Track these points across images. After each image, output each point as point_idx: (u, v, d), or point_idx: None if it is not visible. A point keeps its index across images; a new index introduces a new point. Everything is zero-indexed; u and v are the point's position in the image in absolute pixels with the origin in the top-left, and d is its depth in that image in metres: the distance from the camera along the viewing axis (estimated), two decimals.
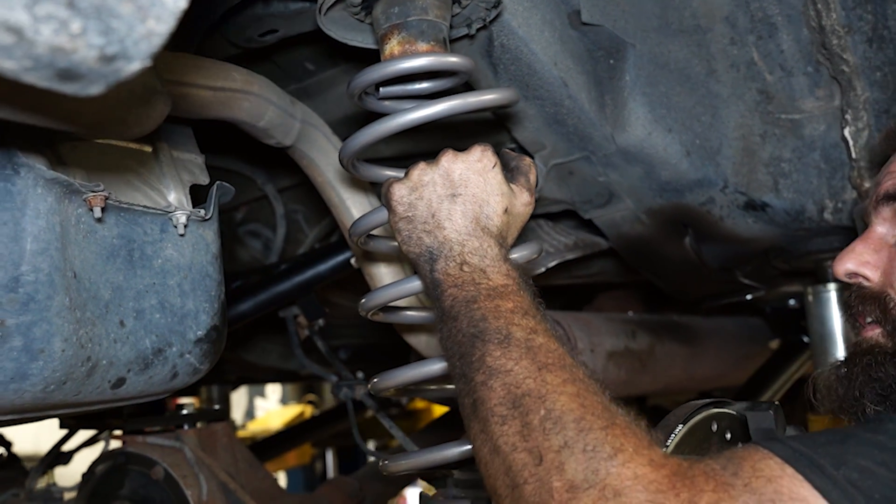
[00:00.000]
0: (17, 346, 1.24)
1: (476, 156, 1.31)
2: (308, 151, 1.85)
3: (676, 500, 0.93)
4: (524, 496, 1.01)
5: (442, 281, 1.24)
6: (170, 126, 1.60)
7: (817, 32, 1.80)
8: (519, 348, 1.12)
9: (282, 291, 2.27)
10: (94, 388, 1.41)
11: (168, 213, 1.50)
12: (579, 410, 1.04)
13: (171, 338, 1.52)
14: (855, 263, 1.39)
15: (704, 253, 2.19)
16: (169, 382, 1.55)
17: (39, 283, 1.25)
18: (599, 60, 1.92)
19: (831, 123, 1.91)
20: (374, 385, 1.59)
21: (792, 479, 0.95)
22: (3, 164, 1.21)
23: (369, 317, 1.59)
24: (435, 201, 1.29)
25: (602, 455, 0.98)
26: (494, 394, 1.09)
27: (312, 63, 2.07)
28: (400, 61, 1.43)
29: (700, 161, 1.97)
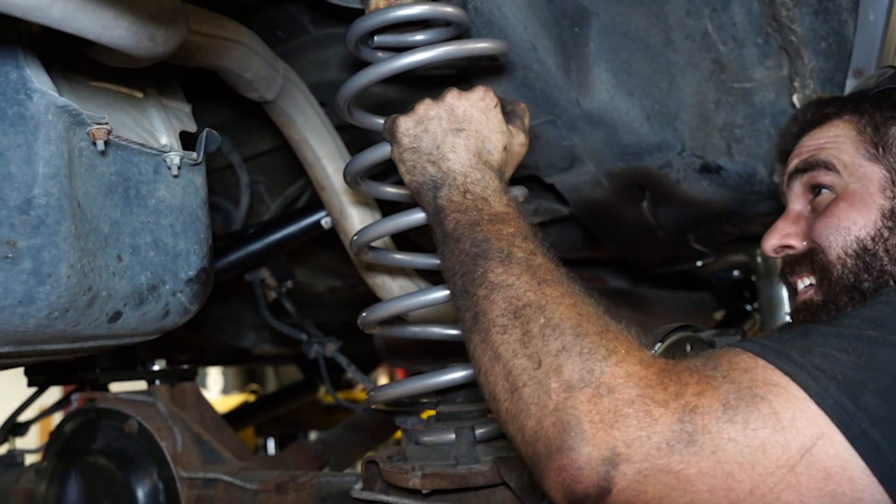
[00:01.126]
0: (26, 269, 1.27)
1: (479, 94, 1.39)
2: (287, 108, 1.88)
3: (665, 393, 1.01)
4: (523, 398, 1.07)
5: (445, 206, 1.31)
6: (159, 75, 1.63)
7: (767, 5, 1.89)
8: (520, 265, 1.18)
9: (253, 251, 2.29)
10: (92, 321, 1.43)
11: (163, 154, 1.54)
12: (576, 318, 1.10)
13: (165, 276, 1.55)
14: (779, 237, 1.54)
15: (661, 216, 2.26)
16: (161, 321, 1.59)
17: (50, 207, 1.28)
18: (565, 28, 1.96)
19: (780, 91, 1.98)
20: (371, 396, 1.65)
21: (765, 368, 1.04)
22: (17, 88, 1.23)
23: (367, 330, 1.64)
24: (440, 135, 1.36)
25: (597, 357, 1.05)
26: (496, 306, 1.15)
27: (283, 31, 2.09)
28: (398, 8, 1.47)
29: (659, 125, 2.03)
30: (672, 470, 0.98)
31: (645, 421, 0.99)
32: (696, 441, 0.98)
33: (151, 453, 1.95)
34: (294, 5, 1.99)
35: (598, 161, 2.11)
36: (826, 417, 0.98)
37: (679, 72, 2.00)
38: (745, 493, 0.98)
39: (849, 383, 1.00)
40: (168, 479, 1.91)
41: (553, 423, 1.02)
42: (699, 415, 0.99)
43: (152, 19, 0.99)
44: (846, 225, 1.41)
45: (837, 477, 0.98)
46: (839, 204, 1.43)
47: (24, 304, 1.28)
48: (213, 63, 1.62)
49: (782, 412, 0.99)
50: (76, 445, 2.07)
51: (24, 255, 1.26)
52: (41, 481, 2.10)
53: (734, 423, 0.98)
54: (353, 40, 1.54)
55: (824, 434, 0.98)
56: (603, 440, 0.99)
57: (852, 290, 1.39)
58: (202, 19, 1.57)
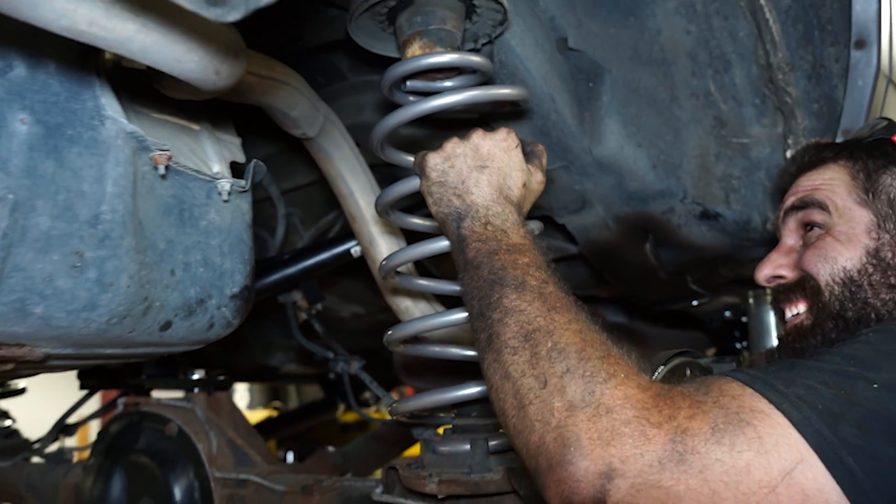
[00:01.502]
0: (91, 278, 1.29)
1: (502, 136, 1.41)
2: (325, 145, 1.91)
3: (659, 415, 1.02)
4: (529, 415, 1.08)
5: (467, 236, 1.33)
6: (214, 109, 1.66)
7: (765, 69, 1.91)
8: (532, 293, 1.20)
9: (288, 275, 2.30)
10: (145, 328, 1.45)
11: (215, 181, 1.56)
12: (581, 343, 1.12)
13: (212, 291, 1.57)
14: (772, 268, 1.55)
15: (662, 258, 2.27)
16: (206, 332, 1.60)
17: (115, 223, 1.30)
18: (580, 82, 2.00)
19: (775, 147, 2.00)
20: (393, 408, 1.66)
21: (752, 396, 1.05)
22: (93, 115, 1.26)
23: (391, 347, 1.65)
24: (465, 170, 1.38)
25: (598, 379, 1.06)
26: (508, 329, 1.17)
27: (324, 77, 2.12)
28: (429, 56, 1.50)
29: (664, 174, 2.05)
30: (663, 486, 0.99)
31: (640, 440, 1.00)
32: (686, 460, 0.99)
33: (189, 454, 1.97)
34: (334, 54, 2.03)
35: (607, 205, 2.13)
36: (806, 444, 0.99)
37: (683, 126, 2.02)
38: None
39: (828, 414, 1.01)
40: (203, 478, 1.93)
41: (555, 438, 1.04)
42: (690, 436, 1.00)
43: (219, 55, 1.02)
44: (833, 255, 1.42)
45: (814, 499, 0.99)
46: (826, 238, 1.44)
47: (87, 309, 1.30)
48: (263, 101, 1.65)
49: (766, 437, 1.00)
50: (121, 445, 2.09)
51: (90, 265, 1.28)
52: (88, 476, 2.11)
53: (721, 445, 0.99)
54: (387, 84, 1.57)
55: (804, 459, 0.99)
56: (600, 456, 1.00)
57: (837, 317, 1.40)
58: (256, 61, 1.60)
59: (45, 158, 1.19)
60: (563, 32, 1.90)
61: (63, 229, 1.24)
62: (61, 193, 1.22)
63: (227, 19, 0.74)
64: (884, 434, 1.00)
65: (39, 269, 1.23)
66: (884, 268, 1.39)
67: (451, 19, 1.56)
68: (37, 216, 1.20)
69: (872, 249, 1.40)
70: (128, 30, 0.87)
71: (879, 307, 1.38)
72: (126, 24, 0.87)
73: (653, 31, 1.91)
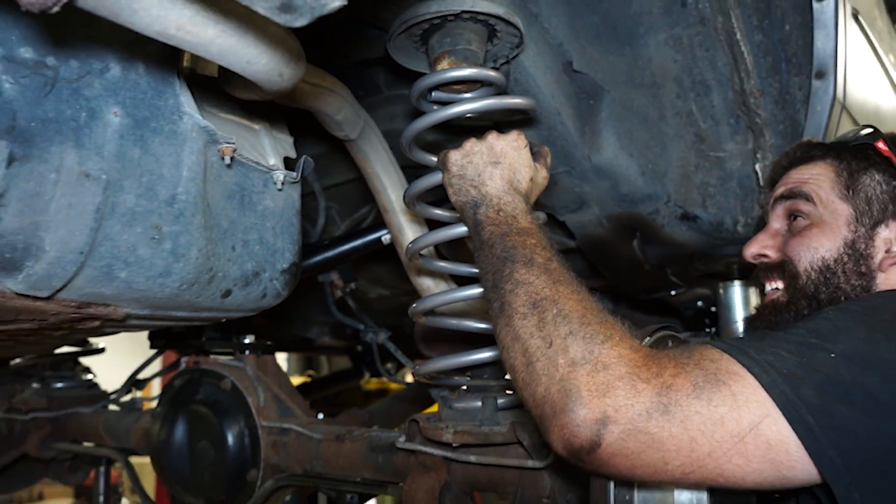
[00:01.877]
0: (167, 249, 1.31)
1: (513, 137, 1.42)
2: (364, 146, 1.92)
3: (648, 372, 1.03)
4: (536, 371, 1.09)
5: (483, 221, 1.34)
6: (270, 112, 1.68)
7: (739, 94, 1.90)
8: (539, 268, 1.20)
9: (327, 257, 2.30)
10: (209, 295, 1.47)
11: (271, 172, 1.57)
12: (582, 311, 1.12)
13: (265, 265, 1.58)
14: (758, 247, 1.52)
15: (647, 253, 2.26)
16: (259, 301, 1.61)
17: (188, 203, 1.32)
18: (582, 100, 2.01)
19: (745, 160, 1.99)
20: (416, 370, 1.68)
21: (728, 361, 1.06)
22: (173, 111, 1.28)
23: (415, 319, 1.66)
24: (481, 165, 1.39)
25: (596, 341, 1.07)
26: (518, 298, 1.17)
27: (363, 90, 2.11)
28: (451, 70, 1.51)
29: (651, 180, 2.06)
30: (649, 432, 1.00)
31: (631, 393, 1.01)
32: (670, 411, 1.00)
33: (240, 406, 1.98)
34: (373, 70, 2.03)
35: (602, 205, 2.13)
36: (772, 402, 1.00)
37: (668, 140, 2.02)
38: (704, 455, 1.01)
39: (792, 377, 1.02)
40: (252, 426, 1.94)
41: (558, 390, 1.04)
42: (674, 391, 1.01)
43: (283, 59, 1.02)
44: (815, 246, 1.41)
45: (777, 448, 1.00)
46: (812, 230, 1.43)
47: (162, 275, 1.32)
48: (314, 106, 1.66)
49: (738, 395, 1.01)
50: (183, 397, 2.11)
51: (167, 237, 1.30)
52: (155, 422, 2.13)
53: (700, 400, 1.01)
54: (416, 94, 1.57)
55: (770, 415, 1.00)
56: (597, 405, 1.01)
57: (811, 298, 1.40)
58: (309, 71, 1.60)
59: (132, 146, 1.21)
60: (568, 57, 1.91)
61: (145, 206, 1.25)
62: (145, 176, 1.24)
63: (295, 24, 0.74)
64: (838, 396, 1.01)
65: (125, 239, 1.24)
66: (857, 258, 1.38)
67: (475, 41, 1.56)
68: (124, 194, 1.22)
69: (850, 241, 1.39)
70: (209, 34, 0.88)
71: (849, 291, 1.38)
72: (208, 30, 0.88)
73: (645, 59, 1.91)
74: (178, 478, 2.08)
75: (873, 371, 1.03)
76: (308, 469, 1.84)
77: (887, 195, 1.41)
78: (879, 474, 1.00)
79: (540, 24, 1.85)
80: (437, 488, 1.49)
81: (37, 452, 2.62)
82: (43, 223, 1.12)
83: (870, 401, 1.01)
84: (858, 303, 1.25)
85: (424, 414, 1.62)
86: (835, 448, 0.99)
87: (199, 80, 1.41)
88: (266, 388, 2.00)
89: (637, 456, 1.01)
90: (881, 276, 1.38)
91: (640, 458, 1.01)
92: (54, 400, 2.63)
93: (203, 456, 2.02)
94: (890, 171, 1.42)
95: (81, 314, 1.35)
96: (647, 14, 1.82)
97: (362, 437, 1.74)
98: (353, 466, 1.74)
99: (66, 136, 1.12)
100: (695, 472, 1.02)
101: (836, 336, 1.09)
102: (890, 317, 1.14)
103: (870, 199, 1.41)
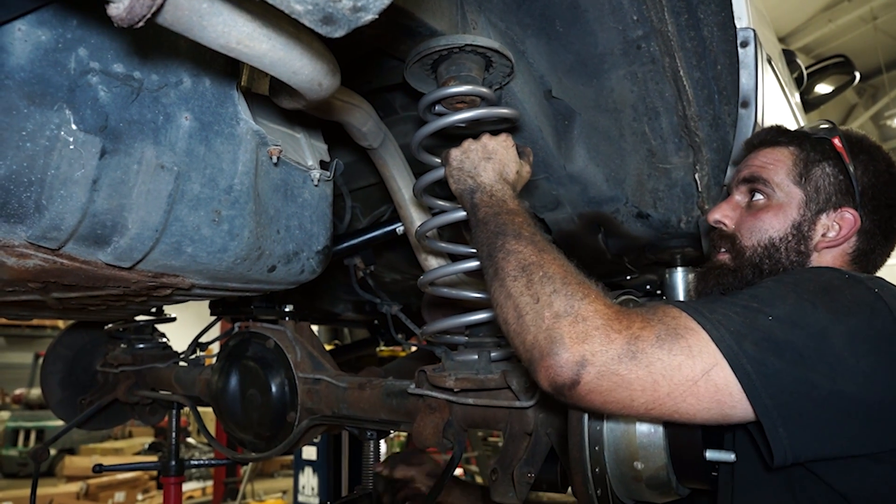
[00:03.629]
0: (224, 229, 1.30)
1: (503, 137, 1.41)
2: (384, 154, 1.90)
3: (619, 325, 1.02)
4: (525, 322, 1.07)
5: (478, 203, 1.32)
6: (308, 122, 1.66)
7: (682, 119, 1.89)
8: (526, 240, 1.19)
9: (352, 244, 2.29)
10: (258, 270, 1.46)
11: (309, 171, 1.56)
12: (564, 273, 1.11)
13: (303, 247, 1.57)
14: (720, 215, 1.49)
15: (609, 244, 2.25)
16: (298, 275, 1.60)
17: (242, 192, 1.30)
18: (559, 120, 1.99)
19: (687, 171, 1.98)
20: (424, 329, 1.66)
21: (686, 318, 1.05)
22: (232, 116, 1.27)
23: (422, 289, 1.63)
24: (476, 160, 1.38)
25: (577, 297, 1.05)
26: (509, 264, 1.15)
27: (382, 111, 2.10)
28: (453, 87, 1.49)
29: (613, 186, 2.04)
30: (619, 374, 0.99)
31: (605, 341, 1.00)
32: (637, 357, 0.99)
33: (281, 361, 1.96)
34: (391, 94, 2.01)
35: (573, 206, 2.12)
36: (720, 353, 1.00)
37: (627, 154, 2.01)
38: (664, 395, 1.00)
39: (737, 334, 1.02)
40: (291, 378, 1.92)
41: (545, 337, 1.03)
42: (640, 341, 1.00)
43: (323, 70, 1.01)
44: (765, 227, 1.39)
45: (723, 391, 1.00)
46: (767, 211, 1.40)
47: (221, 252, 1.31)
48: (344, 118, 1.64)
49: (693, 346, 1.01)
50: (236, 353, 2.08)
51: (225, 220, 1.29)
52: (214, 374, 2.12)
53: (662, 349, 1.00)
54: (422, 107, 1.56)
55: (718, 363, 1.00)
56: (577, 350, 1.00)
57: (755, 267, 1.38)
58: (341, 90, 1.60)
59: (199, 144, 1.20)
60: (548, 86, 1.90)
61: (208, 194, 1.25)
62: (208, 169, 1.23)
63: (335, 35, 0.72)
64: (772, 350, 1.01)
65: (191, 220, 1.24)
66: (799, 238, 1.37)
67: (475, 69, 1.55)
68: (191, 183, 1.21)
69: (797, 222, 1.38)
70: (263, 48, 0.86)
71: (787, 265, 1.37)
72: (262, 44, 0.86)
73: (608, 89, 1.89)
74: (233, 418, 2.06)
75: (800, 331, 1.03)
76: (336, 411, 1.82)
77: (833, 186, 1.38)
78: (799, 413, 0.99)
79: (526, 59, 1.84)
80: (441, 425, 1.48)
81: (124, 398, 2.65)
82: (127, 205, 1.12)
83: (796, 355, 1.00)
84: (792, 275, 1.23)
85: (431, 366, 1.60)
86: (766, 391, 0.98)
87: (253, 96, 1.40)
88: (302, 347, 1.98)
89: (609, 393, 1.00)
90: (815, 255, 1.37)
91: (611, 395, 1.01)
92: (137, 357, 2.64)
93: (252, 401, 2.00)
94: (839, 166, 1.39)
95: (156, 282, 1.34)
96: (610, 54, 1.81)
97: (380, 385, 1.72)
98: (372, 409, 1.72)
99: (147, 135, 1.11)
100: (656, 408, 1.01)
101: (773, 302, 1.08)
102: (816, 287, 1.13)
103: (818, 188, 1.39)
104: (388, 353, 5.31)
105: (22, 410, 12.42)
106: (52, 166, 0.99)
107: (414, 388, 1.56)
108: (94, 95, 1.03)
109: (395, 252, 2.94)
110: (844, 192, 1.37)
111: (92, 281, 1.24)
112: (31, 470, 2.56)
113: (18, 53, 0.93)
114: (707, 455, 1.18)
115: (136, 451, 11.03)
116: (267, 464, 10.48)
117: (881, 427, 1.02)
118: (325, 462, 5.70)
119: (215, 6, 0.79)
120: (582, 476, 1.13)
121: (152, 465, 2.69)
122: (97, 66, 1.02)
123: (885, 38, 12.64)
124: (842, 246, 1.37)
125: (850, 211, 1.36)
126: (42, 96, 0.96)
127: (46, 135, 0.97)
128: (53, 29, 0.97)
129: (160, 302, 1.77)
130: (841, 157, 1.39)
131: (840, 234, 1.36)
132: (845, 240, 1.36)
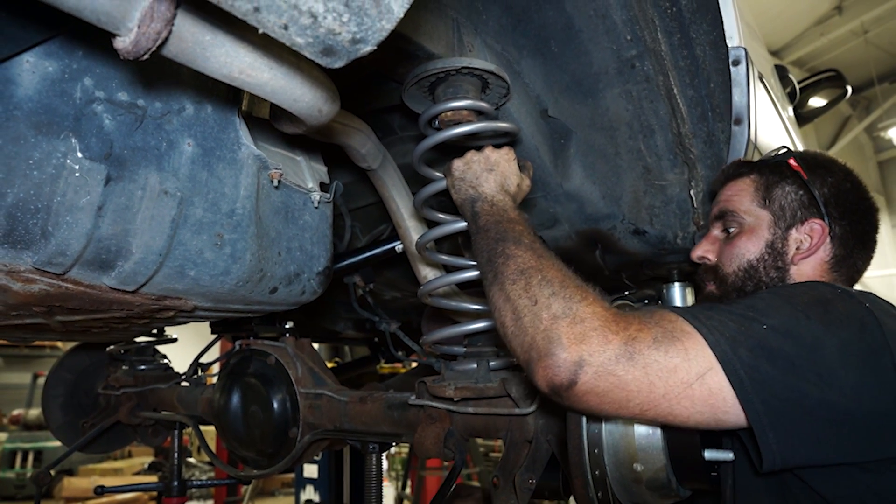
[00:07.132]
0: (227, 252, 1.31)
1: (505, 151, 1.43)
2: (383, 175, 1.91)
3: (617, 326, 1.03)
4: (524, 324, 1.08)
5: (479, 212, 1.34)
6: (308, 145, 1.68)
7: (677, 136, 1.91)
8: (525, 246, 1.20)
9: (351, 262, 2.29)
10: (260, 291, 1.46)
11: (309, 193, 1.57)
12: (562, 277, 1.12)
13: (304, 268, 1.57)
14: (701, 251, 1.56)
15: (606, 261, 2.25)
16: (299, 296, 1.60)
17: (244, 216, 1.31)
18: (556, 139, 2.00)
19: (682, 188, 1.99)
20: (424, 339, 1.66)
21: (682, 322, 1.06)
22: (234, 141, 1.28)
23: (422, 299, 1.63)
24: (479, 171, 1.40)
25: (575, 300, 1.06)
26: (509, 268, 1.16)
27: (381, 132, 2.10)
28: (446, 103, 1.51)
29: (610, 203, 2.05)
30: (616, 374, 1.00)
31: (603, 342, 1.01)
32: (634, 358, 1.00)
33: (283, 377, 1.96)
34: (390, 115, 2.03)
35: (571, 223, 2.12)
36: (715, 358, 1.01)
37: (623, 171, 2.02)
38: (660, 396, 1.01)
39: (732, 339, 1.03)
40: (292, 393, 1.92)
41: (543, 338, 1.03)
42: (637, 343, 1.01)
43: (322, 97, 1.02)
44: (742, 252, 1.44)
45: (717, 395, 1.01)
46: (741, 237, 1.46)
47: (223, 274, 1.32)
48: (344, 141, 1.65)
49: (689, 349, 1.02)
50: (237, 371, 2.09)
51: (227, 243, 1.29)
52: (216, 392, 2.11)
53: (659, 351, 1.01)
54: (422, 122, 1.57)
55: (713, 367, 1.01)
56: (575, 350, 1.01)
57: (739, 290, 1.42)
58: (341, 114, 1.61)
59: (201, 169, 1.21)
60: (544, 105, 1.91)
61: (210, 218, 1.26)
62: (210, 193, 1.24)
63: (335, 66, 0.73)
64: (765, 358, 1.02)
65: (194, 244, 1.24)
66: (775, 255, 1.41)
67: (471, 90, 1.57)
68: (194, 208, 1.22)
69: (770, 241, 1.43)
70: (265, 77, 0.88)
71: (768, 282, 1.41)
72: (264, 74, 0.88)
73: (603, 107, 1.91)
74: (235, 435, 2.06)
75: (793, 341, 1.04)
76: (338, 425, 1.82)
77: (797, 202, 1.43)
78: (789, 419, 1.01)
79: (522, 80, 1.86)
80: (442, 435, 1.48)
81: (126, 419, 2.66)
82: (131, 230, 1.13)
83: (788, 363, 1.02)
84: (786, 288, 1.25)
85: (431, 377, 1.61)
86: (758, 397, 1.00)
87: (254, 121, 1.42)
88: (303, 363, 1.98)
89: (606, 394, 1.01)
90: (794, 269, 1.41)
91: (608, 395, 1.01)
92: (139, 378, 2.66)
93: (254, 417, 2.00)
94: (798, 183, 1.44)
95: (159, 305, 1.35)
96: (605, 73, 1.83)
97: (381, 398, 1.73)
98: (374, 422, 1.73)
99: (151, 161, 1.12)
100: (651, 410, 1.02)
101: (768, 312, 1.10)
102: (810, 300, 1.15)
103: (783, 206, 1.44)
104: (389, 371, 5.31)
105: (20, 431, 12.33)
106: (58, 193, 1.00)
107: (414, 399, 1.57)
108: (100, 124, 1.04)
109: (394, 270, 2.95)
110: (808, 205, 1.43)
111: (96, 304, 1.25)
112: (29, 492, 2.58)
113: (26, 85, 0.95)
114: (706, 455, 1.18)
115: (136, 471, 10.94)
116: (268, 482, 10.41)
117: (867, 437, 1.03)
118: (327, 480, 5.68)
119: (218, 38, 0.81)
120: (582, 479, 1.13)
121: (154, 486, 2.68)
122: (102, 94, 1.04)
123: (877, 50, 12.76)
124: (818, 255, 1.41)
125: (817, 221, 1.41)
126: (49, 125, 0.98)
127: (53, 163, 0.99)
128: (60, 60, 0.99)
129: (163, 324, 1.78)
130: (798, 174, 1.46)
131: (813, 243, 1.41)
132: (818, 248, 1.41)
